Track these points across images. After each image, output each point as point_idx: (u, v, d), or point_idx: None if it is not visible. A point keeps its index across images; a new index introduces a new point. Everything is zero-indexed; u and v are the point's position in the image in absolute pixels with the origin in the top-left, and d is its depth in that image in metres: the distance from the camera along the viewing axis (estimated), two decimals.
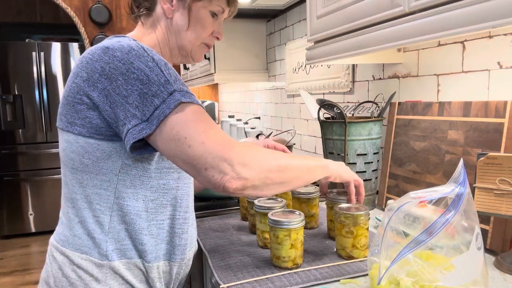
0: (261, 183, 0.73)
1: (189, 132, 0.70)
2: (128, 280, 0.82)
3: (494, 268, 0.87)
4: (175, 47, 0.91)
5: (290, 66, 2.27)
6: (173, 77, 0.73)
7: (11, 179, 4.08)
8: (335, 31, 1.15)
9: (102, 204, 0.80)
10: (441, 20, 0.78)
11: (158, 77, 0.71)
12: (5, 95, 3.99)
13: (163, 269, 0.86)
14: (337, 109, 1.28)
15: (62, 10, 3.74)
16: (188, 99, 0.72)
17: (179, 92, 0.71)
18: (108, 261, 0.80)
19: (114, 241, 0.80)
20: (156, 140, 0.72)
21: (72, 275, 0.80)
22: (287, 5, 2.16)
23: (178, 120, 0.70)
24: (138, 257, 0.83)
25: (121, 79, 0.71)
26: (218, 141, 0.70)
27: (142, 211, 0.81)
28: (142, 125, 0.70)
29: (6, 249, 3.83)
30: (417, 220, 0.73)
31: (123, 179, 0.79)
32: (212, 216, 1.34)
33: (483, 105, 1.02)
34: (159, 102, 0.70)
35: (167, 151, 0.72)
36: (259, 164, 0.73)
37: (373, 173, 1.30)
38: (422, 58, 1.30)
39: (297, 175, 0.80)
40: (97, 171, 0.78)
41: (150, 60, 0.72)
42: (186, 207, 0.88)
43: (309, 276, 0.86)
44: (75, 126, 0.77)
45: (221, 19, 0.94)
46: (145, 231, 0.82)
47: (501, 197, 0.85)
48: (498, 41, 1.03)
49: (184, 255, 0.89)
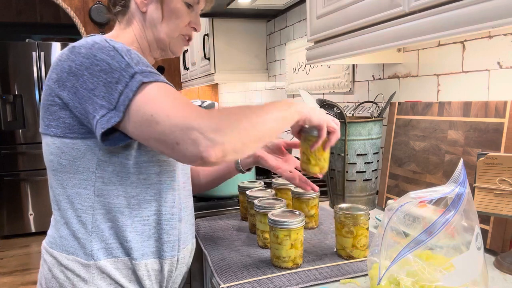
0: (240, 144, 0.69)
1: (155, 109, 0.68)
2: (117, 280, 0.81)
3: (494, 268, 0.87)
4: (153, 41, 0.90)
5: (290, 66, 2.27)
6: (135, 60, 0.72)
7: (11, 179, 4.08)
8: (335, 31, 1.15)
9: (83, 203, 0.79)
10: (441, 20, 0.78)
11: (119, 63, 0.70)
12: (5, 95, 3.99)
13: (152, 267, 0.84)
14: (337, 109, 1.28)
15: (62, 10, 3.74)
16: (151, 79, 0.70)
17: (141, 74, 0.70)
18: (94, 261, 0.80)
19: (99, 240, 0.80)
20: (126, 126, 0.70)
21: (61, 276, 0.81)
22: (287, 5, 2.16)
23: (143, 100, 0.68)
24: (124, 255, 0.81)
25: (86, 74, 0.71)
26: (183, 111, 0.68)
27: (124, 207, 0.80)
28: (110, 114, 0.69)
29: (6, 249, 3.83)
30: (417, 220, 0.73)
31: (101, 177, 0.78)
32: (212, 216, 1.34)
33: (483, 105, 1.02)
34: (123, 87, 0.69)
35: (139, 135, 0.70)
36: (232, 125, 0.69)
37: (373, 173, 1.30)
38: (422, 58, 1.30)
39: (272, 128, 0.75)
40: (75, 170, 0.79)
41: (111, 49, 0.72)
42: (173, 202, 0.86)
43: (309, 276, 0.86)
44: (51, 128, 0.78)
45: (197, 10, 0.92)
46: (129, 228, 0.80)
47: (501, 197, 0.85)
48: (498, 41, 1.03)
49: (175, 252, 0.87)
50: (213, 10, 2.32)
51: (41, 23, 4.69)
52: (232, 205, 1.42)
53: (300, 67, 2.15)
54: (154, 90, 0.69)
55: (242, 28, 2.57)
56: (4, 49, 3.94)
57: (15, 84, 4.01)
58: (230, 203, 1.42)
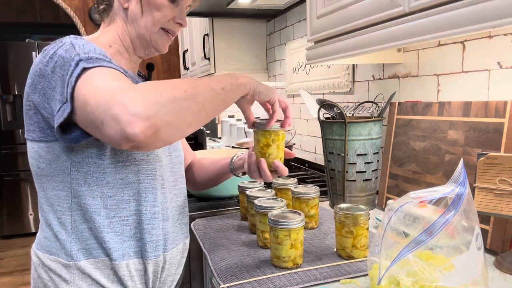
0: (173, 116, 0.62)
1: (87, 89, 0.64)
2: (97, 280, 0.81)
3: (494, 268, 0.87)
4: (135, 37, 0.88)
5: (290, 66, 2.27)
6: (87, 49, 0.70)
7: (11, 179, 4.08)
8: (335, 31, 1.15)
9: (62, 205, 0.80)
10: (441, 20, 0.78)
11: (71, 55, 0.69)
12: (5, 95, 3.99)
13: (135, 268, 0.83)
14: (337, 109, 1.28)
15: (62, 10, 3.74)
16: (95, 64, 0.67)
17: (85, 61, 0.67)
18: (74, 261, 0.80)
19: (78, 241, 0.80)
20: (76, 117, 0.67)
21: (45, 276, 0.82)
22: (287, 5, 2.16)
23: (81, 84, 0.66)
24: (104, 255, 0.81)
25: (51, 73, 0.71)
26: (110, 87, 0.62)
27: (101, 208, 0.80)
28: (64, 106, 0.67)
29: (6, 249, 3.83)
30: (417, 220, 0.73)
31: (76, 178, 0.78)
32: (212, 216, 1.34)
33: (483, 105, 1.02)
34: (69, 76, 0.67)
35: (81, 122, 0.67)
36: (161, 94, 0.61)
37: (373, 173, 1.30)
38: (422, 58, 1.30)
39: (211, 98, 0.69)
40: (52, 173, 0.79)
41: (68, 44, 0.72)
42: (154, 201, 0.84)
43: (309, 276, 0.86)
44: (30, 132, 0.79)
45: (183, 6, 0.90)
46: (106, 229, 0.80)
47: (501, 197, 0.85)
48: (498, 41, 1.03)
49: (159, 252, 0.85)
50: (213, 10, 2.32)
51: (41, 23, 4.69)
52: (232, 205, 1.42)
53: (300, 67, 2.15)
54: (93, 74, 0.66)
55: (242, 28, 2.57)
56: (4, 49, 3.94)
57: (15, 84, 4.01)
58: (230, 203, 1.42)
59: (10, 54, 3.96)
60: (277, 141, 0.87)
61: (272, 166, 0.87)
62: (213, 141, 2.85)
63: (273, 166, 0.87)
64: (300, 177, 1.76)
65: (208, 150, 1.90)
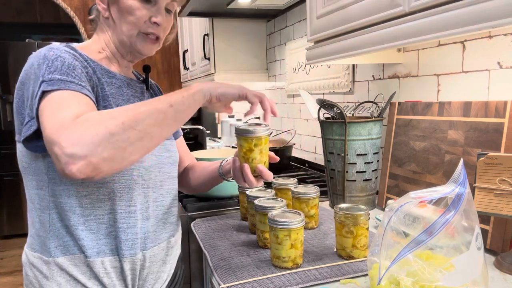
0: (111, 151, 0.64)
1: (43, 118, 0.68)
2: (75, 276, 0.82)
3: (494, 268, 0.87)
4: (118, 44, 0.90)
5: (290, 66, 2.27)
6: (54, 68, 0.73)
7: (11, 179, 4.08)
8: (335, 31, 1.15)
9: (41, 203, 0.83)
10: (441, 20, 0.78)
11: (39, 73, 0.73)
12: (5, 95, 3.99)
13: (111, 265, 0.84)
14: (337, 109, 1.28)
15: (62, 10, 3.74)
16: (54, 87, 0.71)
17: (47, 82, 0.71)
18: (53, 258, 0.82)
19: (56, 238, 0.82)
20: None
21: (30, 273, 0.86)
22: (287, 5, 2.16)
23: (41, 108, 0.70)
24: (80, 252, 0.83)
25: (28, 83, 0.76)
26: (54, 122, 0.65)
27: (76, 207, 0.81)
28: (31, 122, 0.73)
29: (6, 249, 3.83)
30: (417, 220, 0.73)
31: (53, 178, 0.81)
32: (212, 216, 1.34)
33: (483, 105, 1.02)
34: (34, 97, 0.72)
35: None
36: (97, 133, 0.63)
37: (373, 173, 1.30)
38: (422, 58, 1.30)
39: (155, 121, 0.68)
40: (32, 172, 0.82)
41: (41, 58, 0.75)
42: (129, 201, 0.84)
43: (309, 276, 0.86)
44: (16, 134, 0.83)
45: (160, 5, 0.89)
46: (81, 227, 0.82)
47: (501, 197, 0.85)
48: (498, 41, 1.03)
49: (136, 250, 0.86)
50: (213, 10, 2.33)
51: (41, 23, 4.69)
52: (232, 205, 1.42)
53: (300, 67, 2.15)
54: (51, 99, 0.70)
55: (242, 28, 2.57)
56: (4, 49, 3.94)
57: (15, 84, 4.00)
58: (230, 203, 1.42)
59: (10, 54, 3.96)
60: (260, 145, 0.84)
61: (256, 171, 0.85)
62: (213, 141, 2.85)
63: (257, 171, 0.85)
64: (300, 177, 1.76)
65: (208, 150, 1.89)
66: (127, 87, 0.92)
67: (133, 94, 0.93)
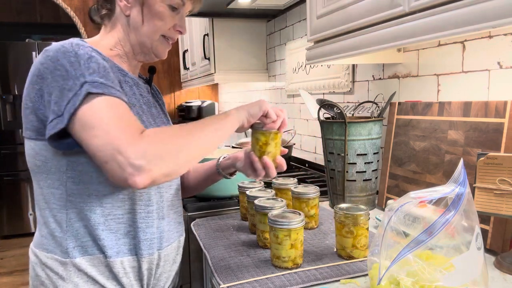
0: (170, 169, 0.71)
1: (97, 122, 0.69)
2: (93, 277, 0.82)
3: (494, 268, 0.87)
4: (136, 44, 0.90)
5: (290, 66, 2.27)
6: (92, 69, 0.73)
7: (11, 179, 4.08)
8: (335, 31, 1.15)
9: (57, 203, 0.81)
10: (441, 20, 0.78)
11: (75, 71, 0.72)
12: (5, 95, 3.98)
13: (130, 265, 0.85)
14: (337, 109, 1.28)
15: (62, 10, 3.74)
16: (99, 90, 0.71)
17: (90, 83, 0.71)
18: (70, 259, 0.81)
19: (74, 239, 0.81)
20: (72, 132, 0.72)
21: (42, 274, 0.83)
22: (287, 5, 2.16)
23: (87, 111, 0.70)
24: (99, 252, 0.82)
25: (49, 77, 0.73)
26: (118, 132, 0.68)
27: (96, 206, 0.81)
28: (57, 119, 0.71)
29: (6, 249, 3.83)
30: (417, 220, 0.73)
31: (72, 177, 0.79)
32: (212, 216, 1.34)
33: (483, 105, 1.02)
34: (72, 95, 0.71)
35: (81, 143, 0.72)
36: (162, 150, 0.70)
37: (373, 173, 1.30)
38: (422, 58, 1.30)
39: (205, 143, 0.77)
40: (48, 170, 0.80)
41: (73, 55, 0.74)
42: (148, 200, 0.86)
43: (309, 276, 0.86)
44: (27, 131, 0.80)
45: (183, 13, 0.92)
46: (101, 226, 0.81)
47: (501, 197, 0.85)
48: (498, 41, 1.03)
49: (153, 250, 0.87)
50: (213, 10, 2.32)
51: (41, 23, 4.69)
52: (232, 205, 1.42)
53: (300, 67, 2.15)
54: (101, 103, 0.71)
55: (242, 28, 2.57)
56: (4, 49, 3.94)
57: (15, 84, 4.01)
58: (230, 203, 1.42)
59: (10, 54, 3.96)
60: (276, 139, 0.89)
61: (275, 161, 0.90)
62: None
63: (276, 162, 0.90)
64: (300, 177, 1.76)
65: None
66: (136, 87, 0.92)
67: (141, 94, 0.93)
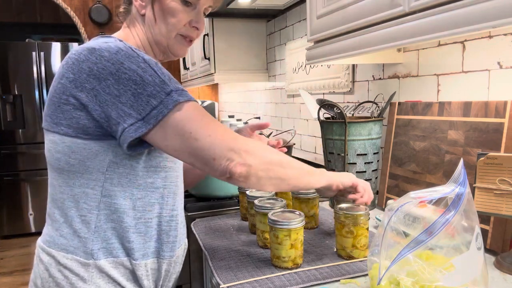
0: (264, 173, 0.77)
1: (194, 127, 0.73)
2: (115, 279, 0.82)
3: (494, 268, 0.87)
4: (153, 43, 0.90)
5: (290, 66, 2.27)
6: (167, 76, 0.75)
7: (11, 179, 4.08)
8: (335, 31, 1.15)
9: (89, 203, 0.80)
10: (441, 20, 0.78)
11: (152, 78, 0.73)
12: (5, 95, 3.98)
13: (151, 267, 0.86)
14: (337, 109, 1.28)
15: (62, 10, 3.74)
16: (185, 98, 0.74)
17: (176, 92, 0.74)
18: (94, 260, 0.80)
19: (101, 240, 0.81)
20: (154, 137, 0.74)
21: (59, 275, 0.81)
22: (287, 5, 2.16)
23: (180, 118, 0.73)
24: (125, 255, 0.82)
25: (111, 79, 0.72)
26: (223, 133, 0.75)
27: (130, 209, 0.81)
28: (138, 123, 0.72)
29: (6, 249, 3.83)
30: (417, 220, 0.73)
31: (110, 178, 0.79)
32: (212, 216, 1.34)
33: (483, 105, 1.02)
34: (157, 102, 0.72)
35: (170, 147, 0.75)
36: (263, 154, 0.78)
37: (373, 173, 1.30)
38: (422, 58, 1.30)
39: (297, 175, 0.83)
40: (84, 170, 0.79)
41: (141, 61, 0.74)
42: (173, 205, 0.88)
43: (309, 276, 0.86)
44: (61, 126, 0.77)
45: (200, 9, 0.90)
46: (132, 229, 0.82)
47: (501, 197, 0.85)
48: (498, 41, 1.03)
49: (174, 252, 0.88)
50: (213, 10, 2.32)
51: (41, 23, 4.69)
52: (232, 205, 1.42)
53: (300, 67, 2.15)
54: (190, 110, 0.75)
55: (242, 28, 2.57)
56: (4, 49, 3.94)
57: (15, 84, 4.01)
58: (230, 203, 1.42)
59: (10, 54, 3.96)
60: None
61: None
62: None
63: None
64: None
65: None
66: None
67: None
